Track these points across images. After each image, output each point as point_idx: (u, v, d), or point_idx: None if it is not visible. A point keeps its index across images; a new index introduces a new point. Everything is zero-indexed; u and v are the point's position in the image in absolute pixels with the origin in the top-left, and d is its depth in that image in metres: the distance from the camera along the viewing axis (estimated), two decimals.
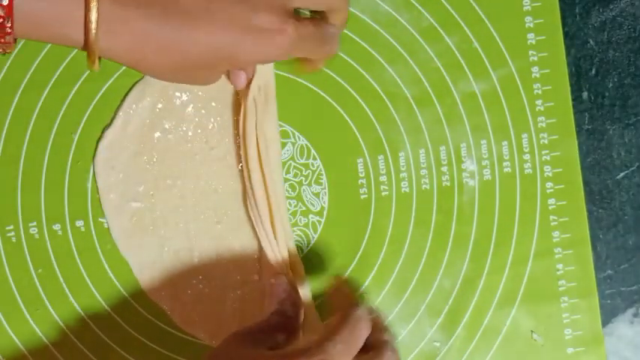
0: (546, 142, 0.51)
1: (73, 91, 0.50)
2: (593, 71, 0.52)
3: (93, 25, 0.38)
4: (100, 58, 0.40)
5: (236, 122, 0.50)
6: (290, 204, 0.51)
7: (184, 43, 0.40)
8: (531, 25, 0.51)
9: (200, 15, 0.40)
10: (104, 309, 0.50)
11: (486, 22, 0.51)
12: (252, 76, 0.47)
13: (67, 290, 0.50)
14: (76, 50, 0.50)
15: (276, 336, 0.43)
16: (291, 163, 0.51)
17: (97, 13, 0.38)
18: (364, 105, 0.51)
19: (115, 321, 0.50)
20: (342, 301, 0.48)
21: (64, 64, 0.49)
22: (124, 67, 0.49)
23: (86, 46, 0.39)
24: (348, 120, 0.51)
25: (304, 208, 0.51)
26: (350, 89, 0.51)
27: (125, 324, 0.50)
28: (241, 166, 0.50)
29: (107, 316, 0.50)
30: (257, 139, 0.48)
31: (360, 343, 0.41)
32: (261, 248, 0.49)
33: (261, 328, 0.44)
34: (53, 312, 0.50)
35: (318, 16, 0.46)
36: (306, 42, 0.43)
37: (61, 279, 0.50)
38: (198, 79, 0.45)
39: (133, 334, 0.50)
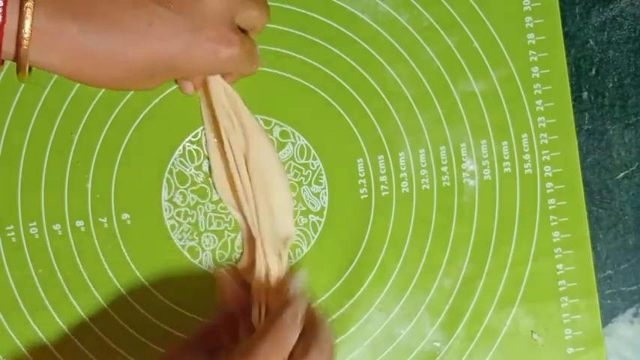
0: (546, 142, 0.51)
1: (73, 91, 0.50)
2: (593, 71, 0.52)
3: (25, 39, 0.37)
4: (30, 68, 0.39)
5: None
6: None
7: (123, 56, 0.39)
8: (531, 25, 0.51)
9: (141, 29, 0.39)
10: (104, 309, 0.50)
11: (486, 22, 0.51)
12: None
13: (67, 290, 0.50)
14: None
15: (220, 338, 0.43)
16: (291, 163, 0.51)
17: (31, 27, 0.37)
18: (364, 105, 0.51)
19: (115, 321, 0.50)
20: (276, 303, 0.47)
21: None
22: None
23: (16, 58, 0.38)
24: (348, 120, 0.51)
25: (304, 208, 0.51)
26: (350, 89, 0.51)
27: (125, 324, 0.50)
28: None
29: (107, 316, 0.50)
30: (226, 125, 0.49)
31: (290, 343, 0.41)
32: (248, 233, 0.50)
33: (203, 332, 0.44)
34: (53, 312, 0.50)
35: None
36: (248, 57, 0.44)
37: (61, 279, 0.50)
38: (139, 87, 0.44)
39: (133, 334, 0.50)
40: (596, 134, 0.52)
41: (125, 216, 0.51)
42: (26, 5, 0.37)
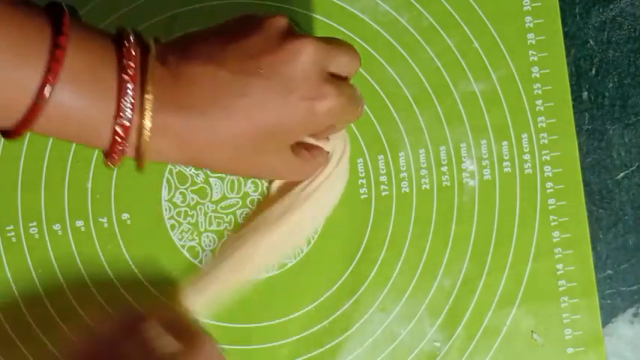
0: (546, 142, 0.51)
1: None
2: (593, 71, 0.52)
3: (147, 131, 0.38)
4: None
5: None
6: None
7: (227, 135, 0.39)
8: (531, 25, 0.51)
9: (239, 104, 0.39)
10: (104, 309, 0.50)
11: (486, 22, 0.51)
12: None
13: (66, 290, 0.50)
14: None
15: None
16: None
17: (151, 120, 0.38)
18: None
19: None
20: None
21: None
22: None
23: (138, 153, 0.38)
24: None
25: None
26: None
27: None
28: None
29: (107, 315, 0.50)
30: None
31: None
32: None
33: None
34: (53, 312, 0.50)
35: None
36: (349, 104, 0.42)
37: (61, 279, 0.50)
38: (256, 167, 0.43)
39: None
40: (596, 134, 0.52)
41: (125, 216, 0.51)
42: (146, 103, 0.37)
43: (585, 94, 0.52)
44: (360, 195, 0.51)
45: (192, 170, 0.51)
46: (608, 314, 0.51)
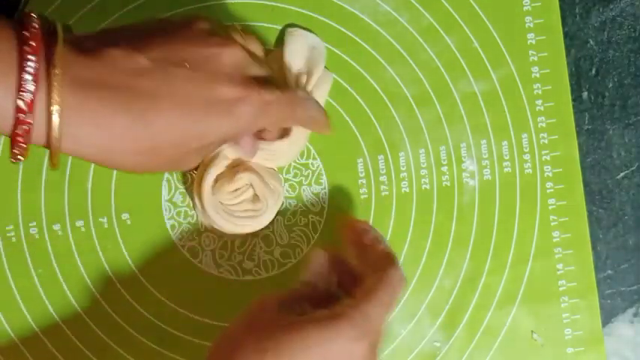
0: (546, 142, 0.51)
1: None
2: (593, 71, 0.52)
3: (56, 109, 0.35)
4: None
5: None
6: (290, 204, 0.51)
7: (149, 126, 0.38)
8: (531, 25, 0.51)
9: (161, 92, 0.38)
10: (104, 309, 0.50)
11: (486, 22, 0.51)
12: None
13: (67, 290, 0.50)
14: None
15: (304, 305, 0.43)
16: (291, 163, 0.51)
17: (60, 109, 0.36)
18: (364, 105, 0.51)
19: (115, 321, 0.50)
20: (376, 257, 0.46)
21: None
22: None
23: (49, 139, 0.36)
24: (348, 120, 0.51)
25: (304, 208, 0.51)
26: (350, 89, 0.51)
27: (125, 324, 0.50)
28: None
29: (107, 316, 0.50)
30: None
31: (396, 304, 0.41)
32: None
33: (292, 295, 0.43)
34: (53, 312, 0.50)
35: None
36: (272, 108, 0.41)
37: (61, 279, 0.50)
38: (174, 165, 0.42)
39: (133, 334, 0.50)
40: (596, 134, 0.52)
41: (125, 216, 0.51)
42: (54, 78, 0.36)
43: (585, 94, 0.52)
44: (360, 195, 0.51)
45: (193, 170, 0.51)
46: (608, 314, 0.51)
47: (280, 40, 0.50)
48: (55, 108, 0.35)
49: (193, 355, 0.50)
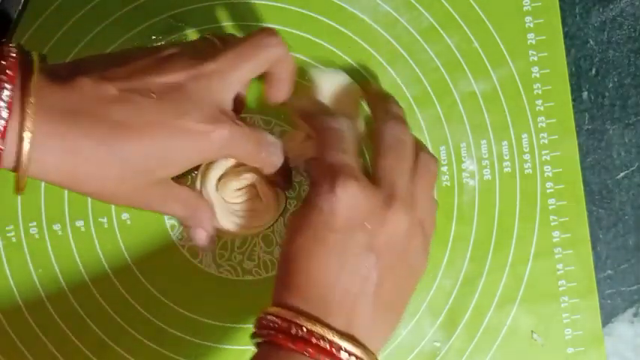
0: (546, 142, 0.51)
1: None
2: (593, 71, 0.52)
3: (28, 136, 0.36)
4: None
5: None
6: (290, 204, 0.51)
7: (113, 153, 0.38)
8: (531, 25, 0.51)
9: (130, 122, 0.38)
10: (104, 309, 0.50)
11: (486, 22, 0.51)
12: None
13: (67, 290, 0.50)
14: (76, 49, 0.50)
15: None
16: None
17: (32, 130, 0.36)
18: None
19: (115, 321, 0.50)
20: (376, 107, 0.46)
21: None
22: None
23: (18, 164, 0.37)
24: None
25: None
26: None
27: (125, 324, 0.50)
28: None
29: (107, 315, 0.50)
30: None
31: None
32: None
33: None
34: (53, 312, 0.50)
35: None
36: (239, 144, 0.42)
37: (61, 279, 0.50)
38: (139, 196, 0.41)
39: (133, 334, 0.50)
40: (596, 134, 0.52)
41: (125, 216, 0.51)
42: (28, 106, 0.36)
43: (585, 94, 0.52)
44: None
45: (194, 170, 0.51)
46: (608, 314, 0.51)
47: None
48: (26, 135, 0.36)
49: (193, 355, 0.50)
